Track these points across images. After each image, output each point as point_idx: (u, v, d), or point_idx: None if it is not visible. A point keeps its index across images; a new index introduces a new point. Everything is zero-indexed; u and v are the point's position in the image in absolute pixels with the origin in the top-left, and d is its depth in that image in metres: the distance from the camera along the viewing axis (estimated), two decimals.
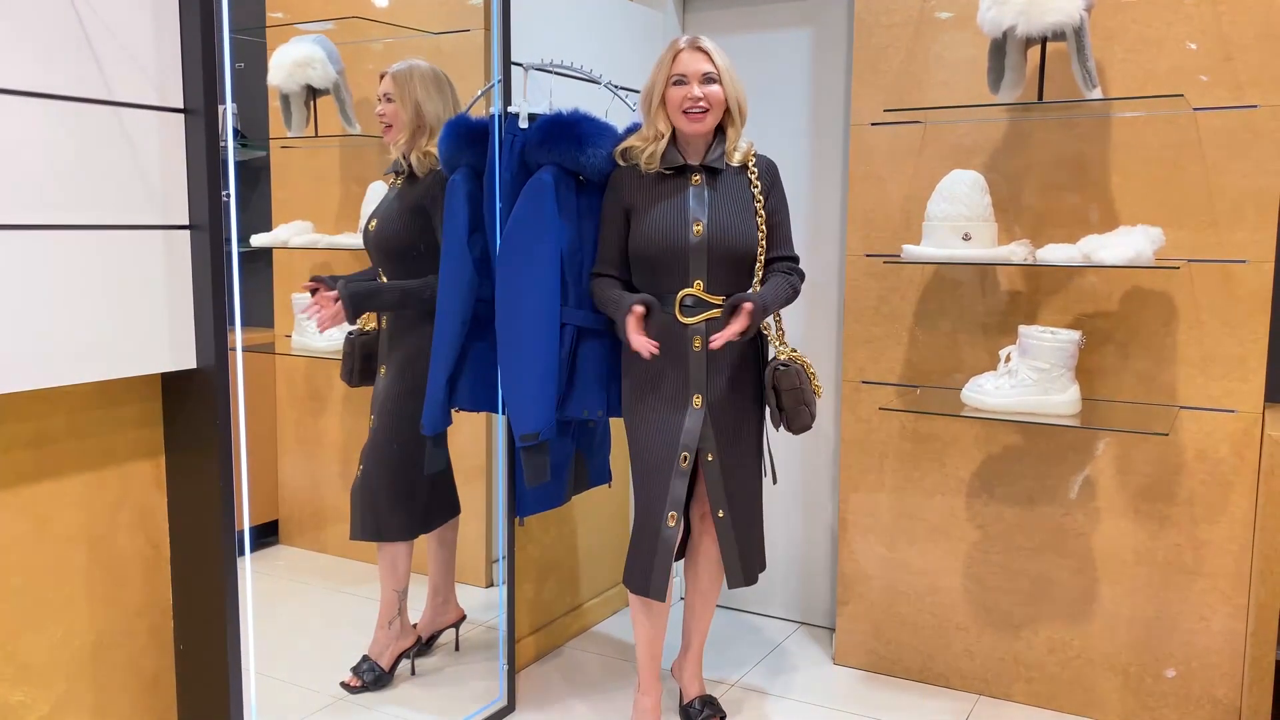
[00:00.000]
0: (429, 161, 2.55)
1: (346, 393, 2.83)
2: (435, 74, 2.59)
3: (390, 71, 2.56)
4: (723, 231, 2.34)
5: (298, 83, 2.64)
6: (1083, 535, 2.69)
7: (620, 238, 2.42)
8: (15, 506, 1.81)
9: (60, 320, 1.75)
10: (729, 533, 2.42)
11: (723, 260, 2.35)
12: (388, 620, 2.68)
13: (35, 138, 1.70)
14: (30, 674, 1.85)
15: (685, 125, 2.32)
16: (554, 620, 3.14)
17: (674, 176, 2.38)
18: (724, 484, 2.41)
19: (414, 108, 2.54)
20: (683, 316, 2.36)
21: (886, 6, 2.79)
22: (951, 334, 2.80)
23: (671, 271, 2.36)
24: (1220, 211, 2.47)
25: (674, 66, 2.32)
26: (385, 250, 2.60)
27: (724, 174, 2.37)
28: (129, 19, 1.81)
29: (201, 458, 1.97)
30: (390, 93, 2.55)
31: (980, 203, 2.51)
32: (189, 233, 1.93)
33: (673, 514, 2.35)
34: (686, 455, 2.36)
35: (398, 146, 2.57)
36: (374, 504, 2.61)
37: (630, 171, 2.41)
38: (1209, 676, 2.59)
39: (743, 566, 2.45)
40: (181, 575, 2.05)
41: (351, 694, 2.62)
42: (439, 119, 2.55)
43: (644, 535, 2.40)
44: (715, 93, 2.31)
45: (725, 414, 2.40)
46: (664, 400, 2.39)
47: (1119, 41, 2.54)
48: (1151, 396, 2.59)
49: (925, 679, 2.92)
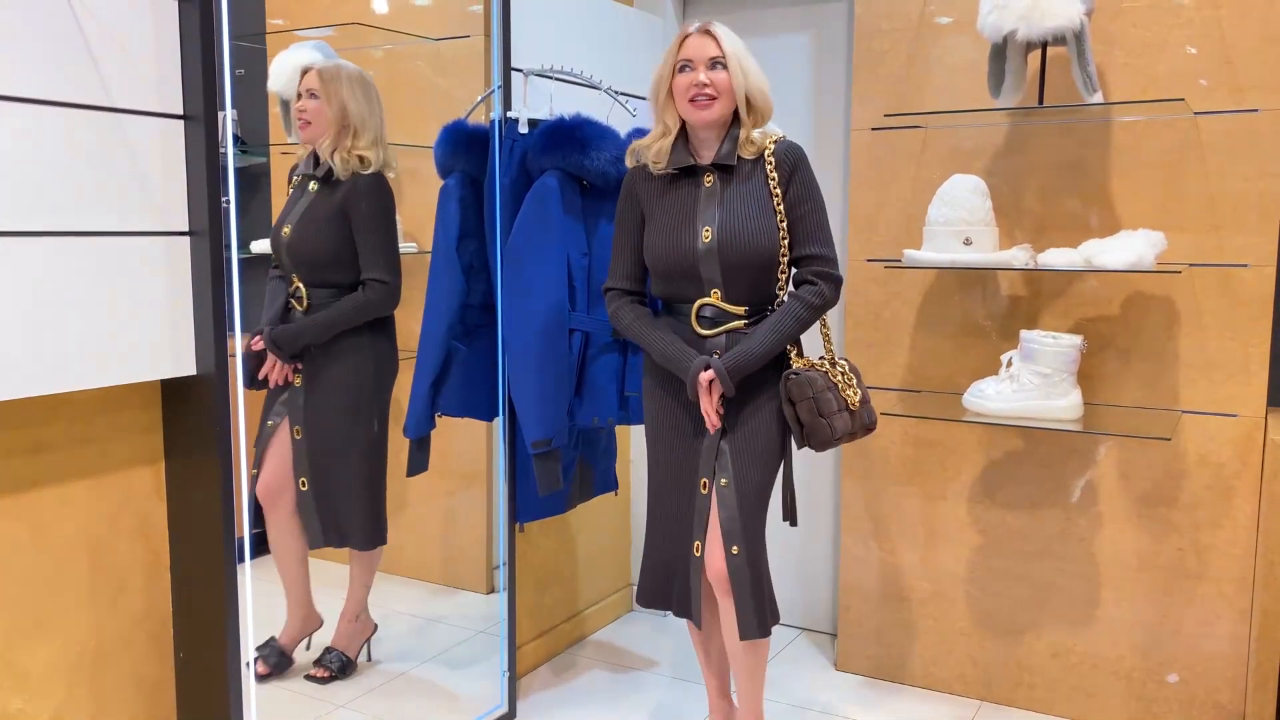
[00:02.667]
0: (353, 164, 2.46)
1: None
2: (363, 78, 2.52)
3: (316, 67, 2.47)
4: (735, 236, 2.13)
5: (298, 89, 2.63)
6: (1085, 540, 2.68)
7: (635, 247, 2.26)
8: (14, 513, 1.81)
9: (60, 327, 1.75)
10: (744, 574, 2.17)
11: (738, 267, 2.14)
12: (355, 614, 2.67)
13: (35, 144, 1.69)
14: (29, 682, 1.84)
15: (692, 114, 2.14)
16: (555, 627, 3.13)
17: (685, 178, 2.21)
18: (740, 515, 2.18)
19: (340, 107, 2.46)
20: (701, 329, 2.18)
21: (886, 11, 2.79)
22: (953, 339, 2.79)
23: (685, 281, 2.18)
24: (1221, 216, 2.47)
25: (680, 52, 2.15)
26: (302, 259, 2.48)
27: (739, 170, 2.18)
28: (129, 25, 1.80)
29: (201, 464, 1.96)
30: (315, 89, 2.46)
31: (981, 207, 2.51)
32: (189, 239, 1.92)
33: (698, 542, 2.22)
34: (706, 482, 2.20)
35: (320, 146, 2.47)
36: (336, 512, 2.54)
37: (643, 174, 2.25)
38: (1212, 682, 2.58)
39: (756, 615, 2.19)
40: (181, 582, 2.04)
41: (321, 684, 2.60)
42: (363, 122, 2.47)
43: (675, 561, 2.28)
44: (722, 78, 2.13)
45: (742, 439, 2.20)
46: (677, 411, 2.24)
47: (1119, 46, 2.54)
48: (1153, 401, 2.58)
49: (927, 685, 2.91)
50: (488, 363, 2.62)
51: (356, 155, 2.47)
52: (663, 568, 2.32)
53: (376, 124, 2.52)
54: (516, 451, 2.58)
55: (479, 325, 2.61)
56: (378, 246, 2.48)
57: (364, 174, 2.47)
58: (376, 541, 2.62)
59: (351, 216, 2.45)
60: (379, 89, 2.56)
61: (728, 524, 2.17)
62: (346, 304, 2.47)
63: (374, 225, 2.49)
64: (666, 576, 2.32)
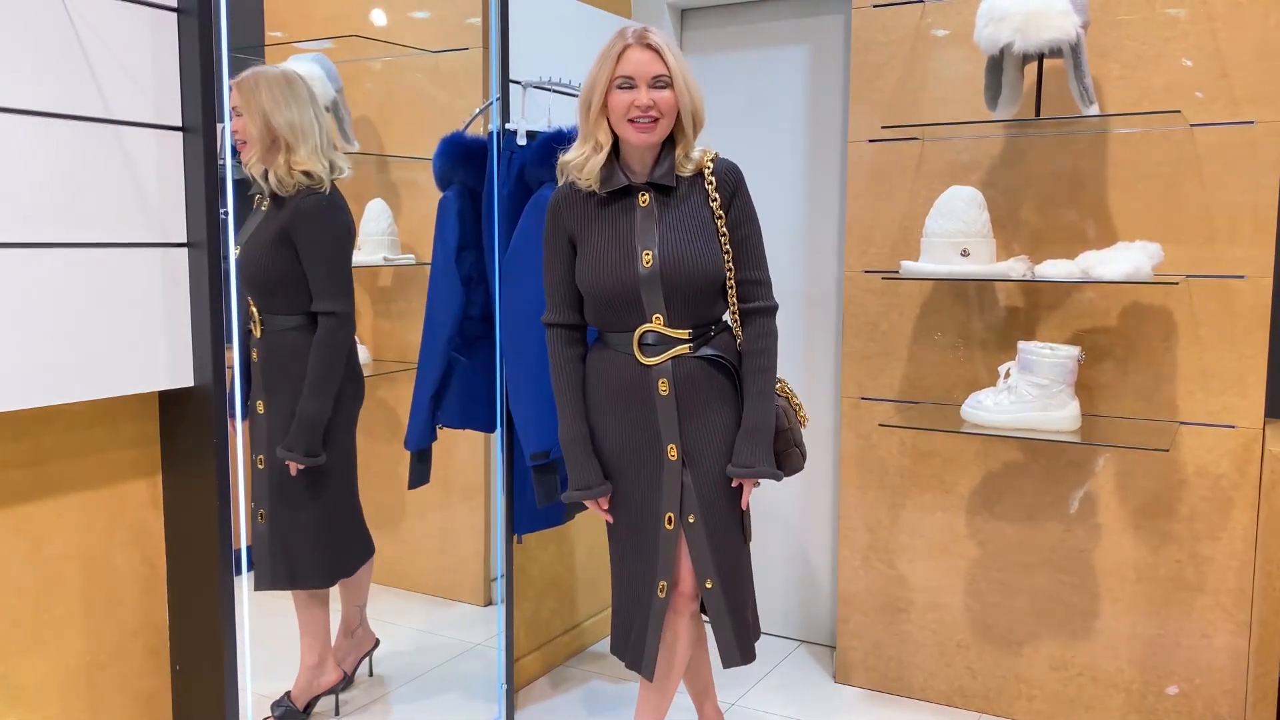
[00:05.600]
0: (293, 181, 2.28)
1: None
2: (285, 78, 2.29)
3: (234, 81, 2.24)
4: (678, 259, 2.01)
5: None
6: (1084, 552, 2.68)
7: (568, 274, 2.09)
8: (10, 525, 1.80)
9: (56, 338, 1.75)
10: (720, 605, 2.10)
11: (682, 291, 2.03)
12: (349, 630, 2.63)
13: (33, 155, 1.69)
14: (24, 695, 1.84)
15: (632, 136, 1.99)
16: (553, 639, 3.12)
17: (618, 198, 2.05)
18: (710, 549, 2.09)
19: (262, 120, 2.25)
20: (643, 357, 2.05)
21: (883, 24, 2.80)
22: (950, 350, 2.79)
23: (625, 309, 2.04)
24: (1218, 227, 2.47)
25: (619, 66, 1.97)
26: (251, 283, 2.33)
27: (677, 190, 2.05)
28: (128, 37, 1.81)
29: (199, 476, 1.96)
30: (238, 105, 2.25)
31: (978, 219, 2.51)
32: (186, 250, 1.92)
33: (663, 583, 2.10)
34: (672, 517, 2.08)
35: (249, 167, 2.28)
36: (306, 549, 2.42)
37: (568, 197, 2.08)
38: (1212, 694, 2.57)
39: (738, 642, 2.13)
40: (178, 594, 2.04)
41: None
42: (294, 130, 2.27)
43: (634, 605, 2.15)
44: (667, 98, 1.97)
45: (704, 466, 2.09)
46: (632, 452, 2.10)
47: (1115, 58, 2.55)
48: (1151, 412, 2.58)
49: (927, 697, 2.90)
50: (487, 374, 2.62)
51: (300, 170, 2.28)
52: (625, 613, 2.18)
53: (314, 129, 2.32)
54: (515, 463, 2.58)
55: (478, 336, 2.61)
56: (324, 275, 2.32)
57: (311, 193, 2.29)
58: (331, 578, 2.49)
59: (296, 242, 2.29)
60: (379, 97, 2.54)
61: (699, 563, 2.10)
62: (316, 366, 2.32)
63: (319, 252, 2.31)
64: (628, 623, 2.18)
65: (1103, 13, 2.54)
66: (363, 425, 2.55)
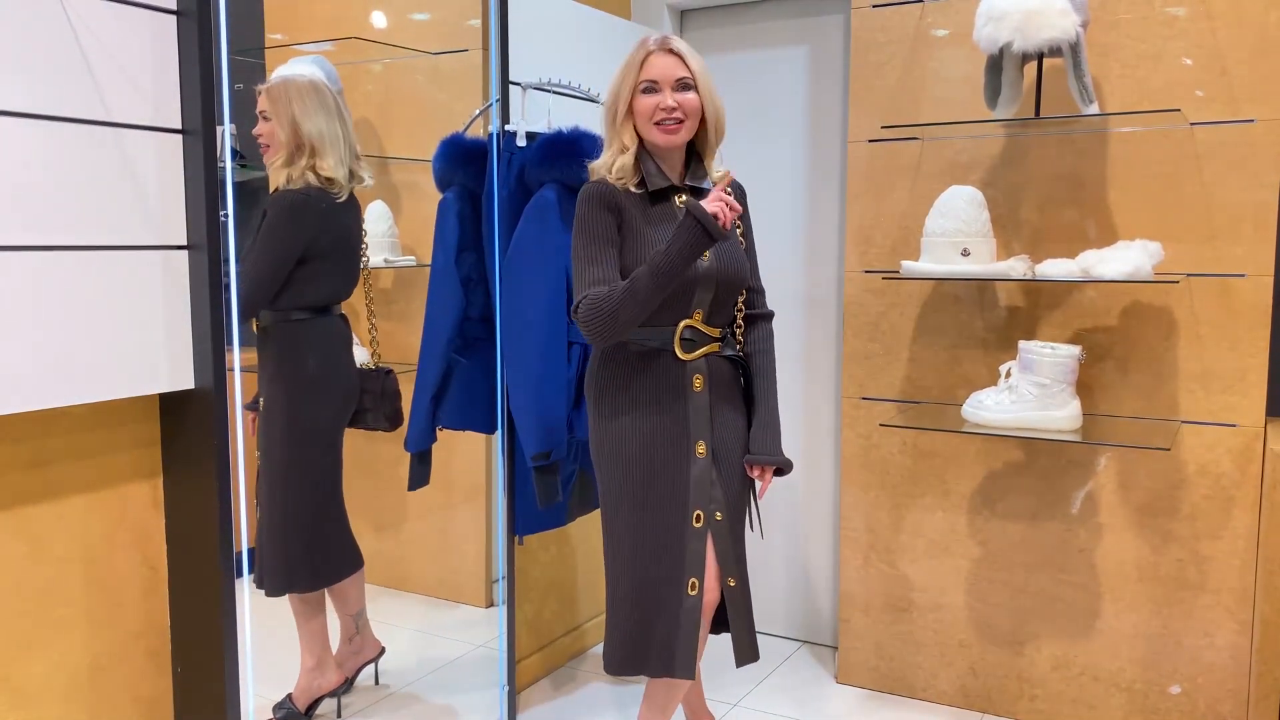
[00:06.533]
0: (303, 183, 2.34)
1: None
2: (314, 87, 2.35)
3: (263, 87, 2.34)
4: (730, 259, 2.11)
5: None
6: (1085, 551, 2.68)
7: (614, 257, 2.06)
8: (12, 528, 1.80)
9: (57, 341, 1.75)
10: (740, 603, 2.16)
11: (728, 290, 2.13)
12: (347, 637, 2.62)
13: (33, 158, 1.70)
14: (25, 697, 1.84)
15: (658, 138, 2.06)
16: (554, 641, 3.12)
17: (659, 199, 2.10)
18: (732, 546, 2.15)
19: (290, 125, 2.31)
20: (682, 352, 2.11)
21: (883, 24, 2.80)
22: (951, 350, 2.79)
23: (674, 302, 2.07)
24: (1218, 226, 2.47)
25: (643, 71, 2.05)
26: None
27: (707, 196, 2.05)
28: (127, 40, 1.81)
29: (200, 478, 1.96)
30: (265, 110, 2.32)
31: (978, 218, 2.51)
32: (187, 253, 1.93)
33: (694, 580, 2.10)
34: (700, 515, 2.11)
35: (272, 169, 2.32)
36: (276, 553, 2.41)
37: (608, 187, 2.10)
38: (1214, 693, 2.57)
39: (750, 640, 2.18)
40: (179, 597, 2.04)
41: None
42: (321, 137, 2.33)
43: (654, 609, 2.11)
44: (691, 100, 2.05)
45: (730, 464, 2.16)
46: (663, 450, 2.11)
47: (1115, 57, 2.55)
48: (1152, 411, 2.58)
49: (928, 697, 2.90)
50: (487, 375, 2.62)
51: (323, 176, 2.33)
52: (639, 624, 2.13)
53: (340, 138, 2.37)
54: (515, 464, 2.58)
55: (478, 338, 2.62)
56: (248, 263, 2.30)
57: (287, 192, 2.30)
58: (282, 588, 2.44)
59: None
60: (379, 99, 2.55)
61: (724, 560, 2.14)
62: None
63: (255, 241, 2.31)
64: (645, 631, 2.13)
65: (1102, 12, 2.54)
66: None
